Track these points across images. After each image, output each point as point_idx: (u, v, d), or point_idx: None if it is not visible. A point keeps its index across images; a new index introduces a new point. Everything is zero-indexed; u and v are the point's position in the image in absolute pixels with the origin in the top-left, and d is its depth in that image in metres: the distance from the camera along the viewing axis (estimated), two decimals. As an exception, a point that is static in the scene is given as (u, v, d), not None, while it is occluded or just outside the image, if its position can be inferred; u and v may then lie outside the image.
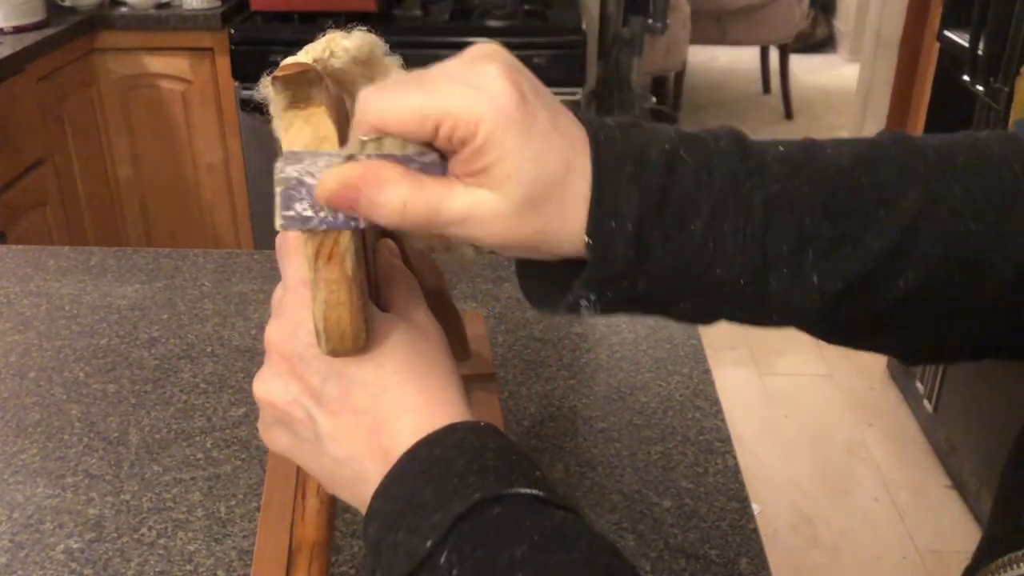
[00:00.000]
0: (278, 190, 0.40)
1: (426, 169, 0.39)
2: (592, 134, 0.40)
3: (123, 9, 2.51)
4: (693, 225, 0.39)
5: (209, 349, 0.98)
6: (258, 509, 0.74)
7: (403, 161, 0.39)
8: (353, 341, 0.41)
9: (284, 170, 0.40)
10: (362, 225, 0.40)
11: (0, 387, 0.92)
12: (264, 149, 2.52)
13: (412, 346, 0.44)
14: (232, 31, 2.41)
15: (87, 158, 2.51)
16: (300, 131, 0.41)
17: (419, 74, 0.39)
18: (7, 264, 1.16)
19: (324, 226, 0.40)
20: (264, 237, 2.68)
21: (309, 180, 0.39)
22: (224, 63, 2.47)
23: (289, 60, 0.41)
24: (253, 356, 0.96)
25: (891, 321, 0.42)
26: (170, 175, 2.67)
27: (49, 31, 2.29)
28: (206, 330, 1.01)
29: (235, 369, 0.94)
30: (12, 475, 0.80)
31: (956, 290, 0.41)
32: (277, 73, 0.40)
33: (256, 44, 2.40)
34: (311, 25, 2.45)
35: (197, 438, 0.84)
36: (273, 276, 1.12)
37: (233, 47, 2.41)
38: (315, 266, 0.40)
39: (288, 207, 0.40)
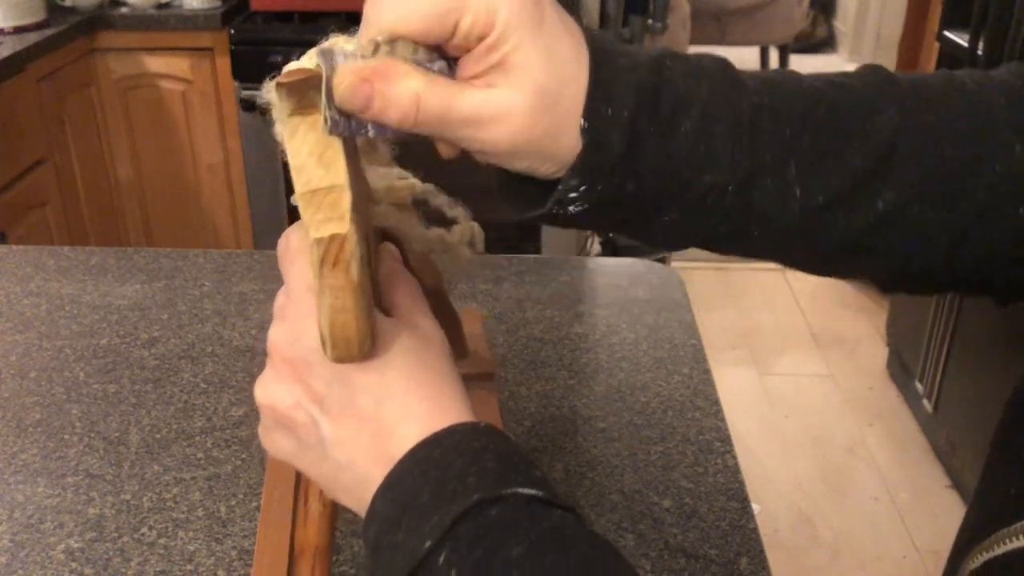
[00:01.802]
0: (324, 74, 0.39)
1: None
2: (589, 35, 0.41)
3: (123, 9, 2.51)
4: (684, 126, 0.40)
5: (209, 349, 0.98)
6: (258, 509, 0.74)
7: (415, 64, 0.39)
8: (359, 347, 0.41)
9: (303, 62, 0.40)
10: (369, 132, 0.40)
11: (0, 387, 0.92)
12: (264, 149, 2.52)
13: (416, 352, 0.44)
14: (232, 31, 2.41)
15: (87, 158, 2.51)
16: (305, 137, 0.41)
17: None
18: (7, 264, 1.16)
19: (335, 127, 0.39)
20: (264, 237, 2.68)
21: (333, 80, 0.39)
22: (224, 63, 2.47)
23: (292, 65, 0.41)
24: (253, 356, 0.96)
25: (867, 243, 0.43)
26: (170, 175, 2.67)
27: (49, 31, 2.29)
28: (206, 330, 1.01)
29: (235, 369, 0.94)
30: (12, 475, 0.80)
31: (931, 213, 0.42)
32: (281, 79, 0.40)
33: (256, 44, 2.40)
34: (311, 25, 2.45)
35: (197, 438, 0.84)
36: (273, 276, 1.12)
37: (233, 47, 2.41)
38: (320, 272, 0.40)
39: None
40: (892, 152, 0.41)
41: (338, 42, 0.42)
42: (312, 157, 0.41)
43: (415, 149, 0.50)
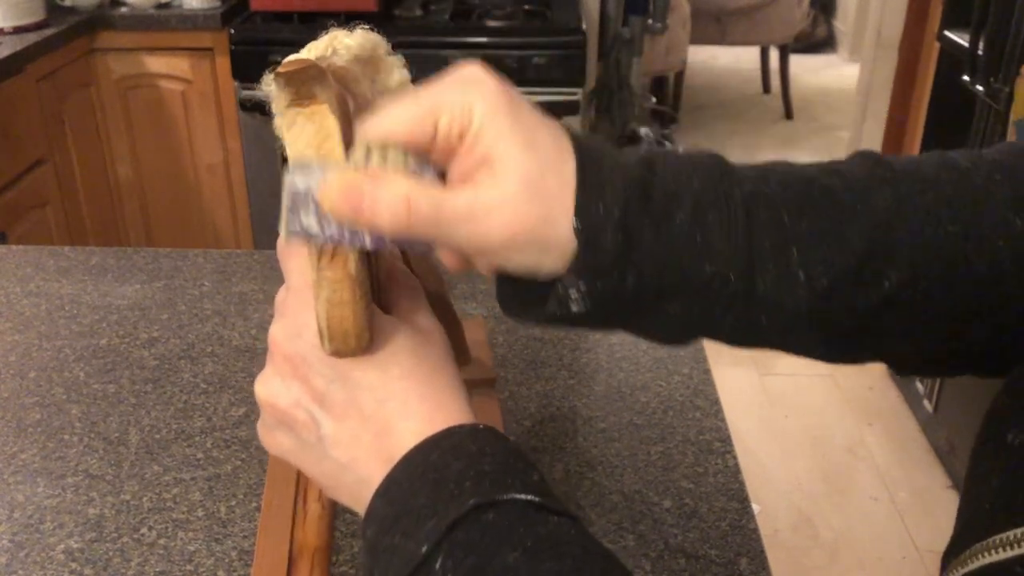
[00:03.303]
0: (285, 202, 0.40)
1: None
2: (572, 135, 0.41)
3: (123, 9, 2.51)
4: (678, 217, 0.40)
5: (209, 349, 0.98)
6: (258, 510, 0.74)
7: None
8: (356, 341, 0.41)
9: (293, 182, 0.39)
10: (366, 243, 0.40)
11: (0, 387, 0.92)
12: (264, 149, 2.52)
13: (417, 351, 0.43)
14: (232, 31, 2.41)
15: (87, 158, 2.51)
16: (303, 128, 0.41)
17: (411, 90, 0.41)
18: (7, 264, 1.16)
19: (329, 242, 0.40)
20: (264, 237, 2.68)
21: (316, 192, 0.39)
22: (224, 63, 2.47)
23: (292, 57, 0.41)
24: (253, 356, 0.96)
25: (877, 324, 0.43)
26: (170, 175, 2.67)
27: (49, 31, 2.29)
28: (206, 330, 1.01)
29: (235, 369, 0.94)
30: (12, 475, 0.80)
31: (938, 290, 0.42)
32: (280, 69, 0.40)
33: (256, 44, 2.41)
34: (311, 25, 2.45)
35: (197, 438, 0.84)
36: (273, 276, 1.12)
37: (233, 47, 2.42)
38: (318, 265, 0.40)
39: (294, 219, 0.40)
40: (891, 231, 0.41)
41: (337, 36, 0.42)
42: (310, 148, 0.41)
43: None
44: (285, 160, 0.44)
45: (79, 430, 0.85)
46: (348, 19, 2.62)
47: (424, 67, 0.47)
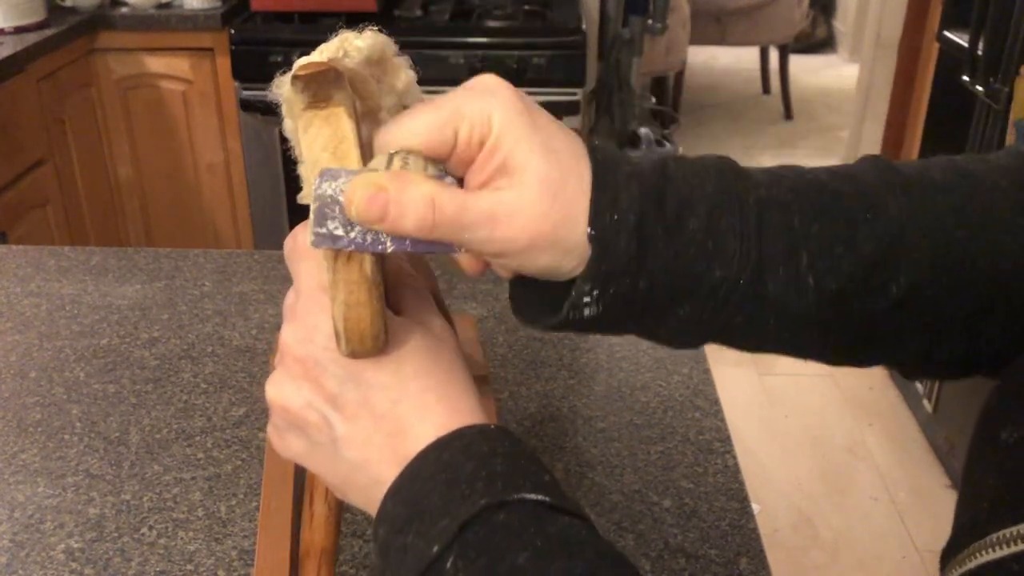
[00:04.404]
0: (313, 207, 0.40)
1: None
2: (589, 144, 0.42)
3: (123, 9, 2.51)
4: (692, 223, 0.40)
5: (209, 349, 0.98)
6: (259, 509, 0.74)
7: None
8: (373, 342, 0.41)
9: (320, 187, 0.40)
10: (389, 247, 0.40)
11: (0, 387, 0.92)
12: (264, 149, 2.52)
13: (429, 351, 0.44)
14: (232, 31, 2.41)
15: (87, 158, 2.51)
16: (319, 131, 0.41)
17: (429, 99, 0.42)
18: (7, 264, 1.16)
19: (353, 247, 0.40)
20: (264, 237, 2.68)
21: (342, 198, 0.39)
22: (224, 63, 2.47)
23: (304, 60, 0.41)
24: (253, 356, 0.96)
25: (884, 330, 0.43)
26: (170, 175, 2.67)
27: (49, 31, 2.29)
28: (206, 330, 1.01)
29: (235, 369, 0.94)
30: (12, 475, 0.80)
31: (946, 295, 0.42)
32: (298, 72, 0.40)
33: (256, 44, 2.40)
34: (311, 25, 2.45)
35: (197, 438, 0.84)
36: (273, 276, 1.12)
37: (233, 47, 2.42)
38: (334, 267, 0.40)
39: (321, 224, 0.40)
40: (901, 237, 0.42)
41: (348, 38, 0.42)
42: (326, 151, 0.41)
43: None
44: (294, 162, 0.44)
45: (79, 430, 0.85)
46: (348, 19, 2.61)
47: (424, 67, 0.47)
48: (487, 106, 0.40)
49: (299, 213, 0.41)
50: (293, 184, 0.42)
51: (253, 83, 2.42)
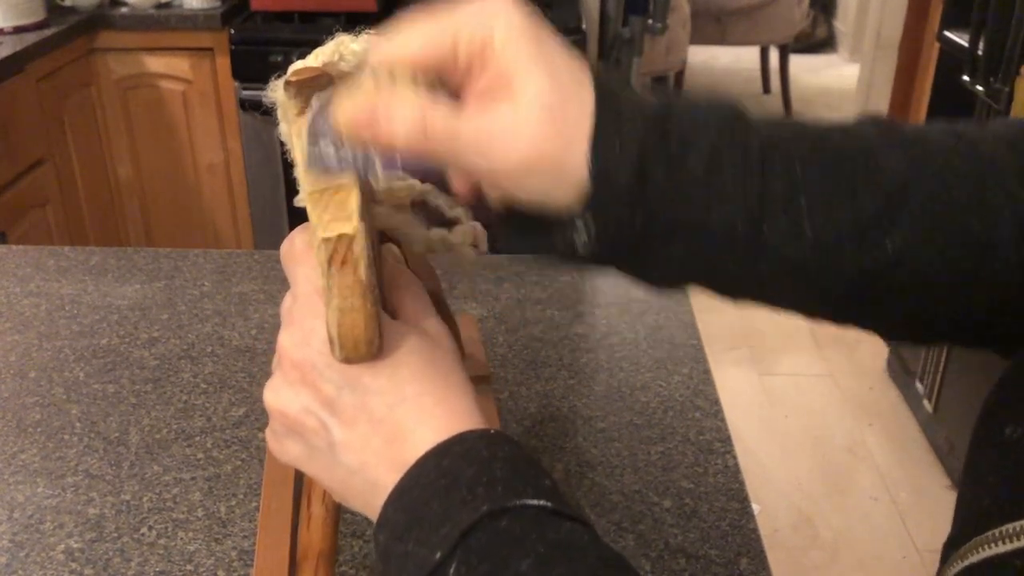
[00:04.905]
0: (306, 133, 0.39)
1: None
2: (594, 72, 0.40)
3: (123, 9, 2.51)
4: (693, 161, 0.39)
5: (209, 349, 0.98)
6: (258, 510, 0.74)
7: None
8: (367, 347, 0.41)
9: (312, 104, 0.39)
10: (379, 168, 0.39)
11: (0, 387, 0.92)
12: (264, 149, 2.52)
13: (427, 355, 0.43)
14: (232, 31, 2.41)
15: (87, 158, 2.51)
16: None
17: (427, 11, 0.40)
18: (7, 264, 1.16)
19: (342, 166, 0.39)
20: (264, 237, 2.68)
21: (332, 116, 0.39)
22: (224, 63, 2.47)
23: (299, 64, 0.41)
24: (253, 356, 0.96)
25: (876, 286, 0.42)
26: (170, 175, 2.67)
27: (49, 31, 2.29)
28: (206, 330, 1.01)
29: (235, 369, 0.94)
30: (12, 475, 0.80)
31: (939, 256, 0.41)
32: (290, 78, 0.40)
33: (256, 44, 2.40)
34: (311, 25, 2.45)
35: (197, 438, 0.84)
36: (273, 276, 1.12)
37: (233, 47, 2.42)
38: (328, 272, 0.40)
39: (314, 142, 0.39)
40: (903, 193, 0.41)
41: (343, 42, 0.42)
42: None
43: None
44: (291, 165, 0.44)
45: (79, 430, 0.85)
46: (348, 19, 2.61)
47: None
48: (489, 20, 0.38)
49: (299, 213, 0.41)
50: (293, 184, 0.42)
51: (253, 83, 2.41)
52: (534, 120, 0.38)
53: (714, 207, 0.40)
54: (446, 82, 0.40)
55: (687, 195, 0.39)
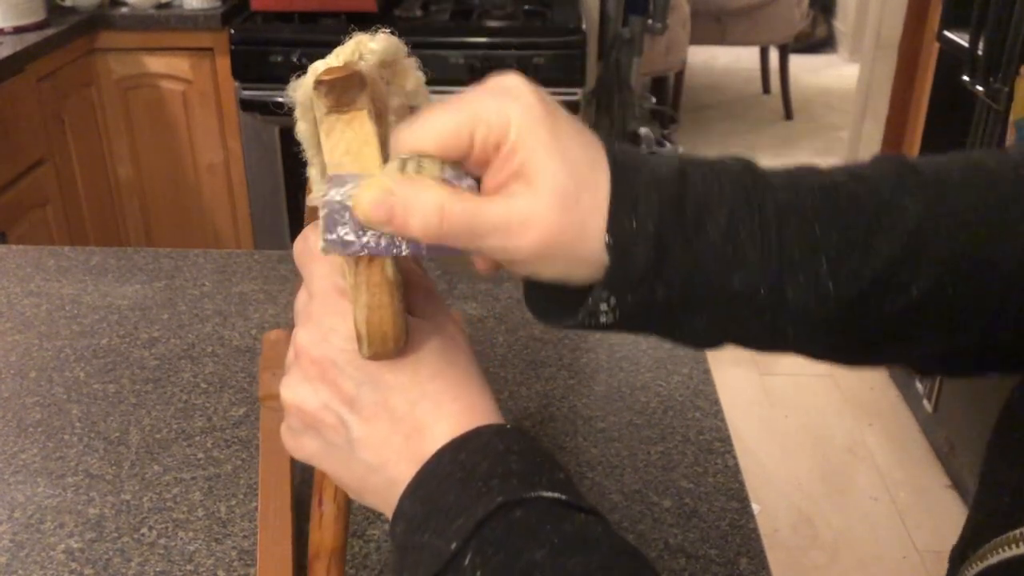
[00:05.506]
0: (322, 213, 0.40)
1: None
2: (608, 147, 0.41)
3: (123, 9, 2.51)
4: (711, 230, 0.40)
5: (209, 349, 0.98)
6: (258, 510, 0.74)
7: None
8: (394, 344, 0.41)
9: (328, 193, 0.40)
10: (403, 250, 0.40)
11: (0, 387, 0.92)
12: (264, 149, 2.52)
13: (445, 352, 0.44)
14: (232, 31, 2.41)
15: (87, 158, 2.51)
16: (342, 135, 0.41)
17: (446, 100, 0.41)
18: (7, 264, 1.16)
19: (364, 251, 0.40)
20: (264, 237, 2.68)
21: (351, 203, 0.39)
22: (224, 63, 2.47)
23: (322, 64, 0.41)
24: (253, 356, 0.96)
25: (903, 329, 0.43)
26: (170, 175, 2.67)
27: (49, 31, 2.29)
28: (206, 330, 1.01)
29: (235, 369, 0.94)
30: (12, 475, 0.80)
31: (966, 292, 0.42)
32: (322, 76, 0.40)
33: (256, 44, 2.40)
34: (311, 25, 2.44)
35: (197, 438, 0.84)
36: (273, 276, 1.12)
37: (233, 47, 2.41)
38: (356, 270, 0.40)
39: (331, 230, 0.40)
40: (920, 236, 0.41)
41: (363, 41, 0.42)
42: (348, 155, 0.41)
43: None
44: (298, 162, 0.44)
45: (79, 430, 0.85)
46: (348, 19, 2.60)
47: (424, 67, 0.47)
48: (505, 108, 0.39)
49: (299, 213, 0.41)
50: (293, 184, 0.42)
51: (253, 83, 2.41)
52: (549, 209, 0.39)
53: (735, 275, 0.40)
54: (469, 169, 0.41)
55: (707, 265, 0.40)
